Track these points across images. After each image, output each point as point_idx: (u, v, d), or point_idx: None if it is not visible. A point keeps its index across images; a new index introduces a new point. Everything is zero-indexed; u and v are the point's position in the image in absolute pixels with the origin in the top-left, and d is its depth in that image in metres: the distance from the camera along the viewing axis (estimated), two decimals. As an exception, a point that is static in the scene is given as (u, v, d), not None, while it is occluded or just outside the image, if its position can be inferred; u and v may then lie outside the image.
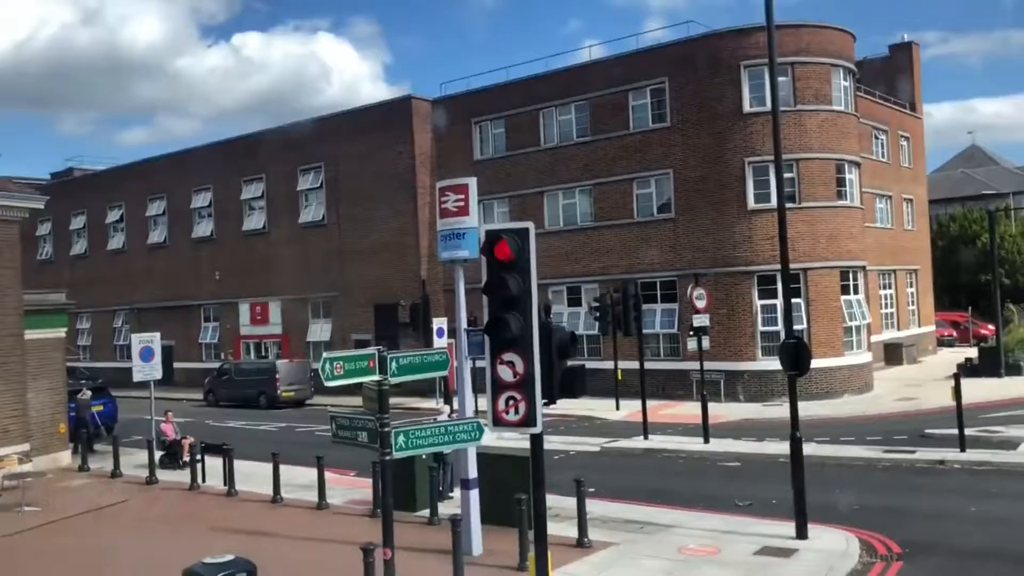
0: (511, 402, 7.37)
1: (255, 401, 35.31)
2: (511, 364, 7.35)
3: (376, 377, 7.33)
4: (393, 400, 7.63)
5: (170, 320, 45.45)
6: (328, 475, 17.06)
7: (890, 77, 43.04)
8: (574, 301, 33.21)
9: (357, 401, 34.50)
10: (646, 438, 21.58)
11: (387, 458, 7.16)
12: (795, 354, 12.82)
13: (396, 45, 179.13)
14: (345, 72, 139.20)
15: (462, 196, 12.79)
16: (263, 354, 41.86)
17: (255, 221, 42.70)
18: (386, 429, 7.10)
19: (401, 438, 7.29)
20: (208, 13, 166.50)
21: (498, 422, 7.44)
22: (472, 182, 12.87)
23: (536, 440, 7.71)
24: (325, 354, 7.29)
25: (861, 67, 40.02)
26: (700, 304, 21.25)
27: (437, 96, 37.21)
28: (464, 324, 12.93)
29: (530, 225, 7.46)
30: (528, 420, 7.35)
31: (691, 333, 21.74)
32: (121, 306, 49.44)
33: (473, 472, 12.72)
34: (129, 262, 49.14)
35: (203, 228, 45.40)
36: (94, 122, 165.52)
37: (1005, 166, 79.83)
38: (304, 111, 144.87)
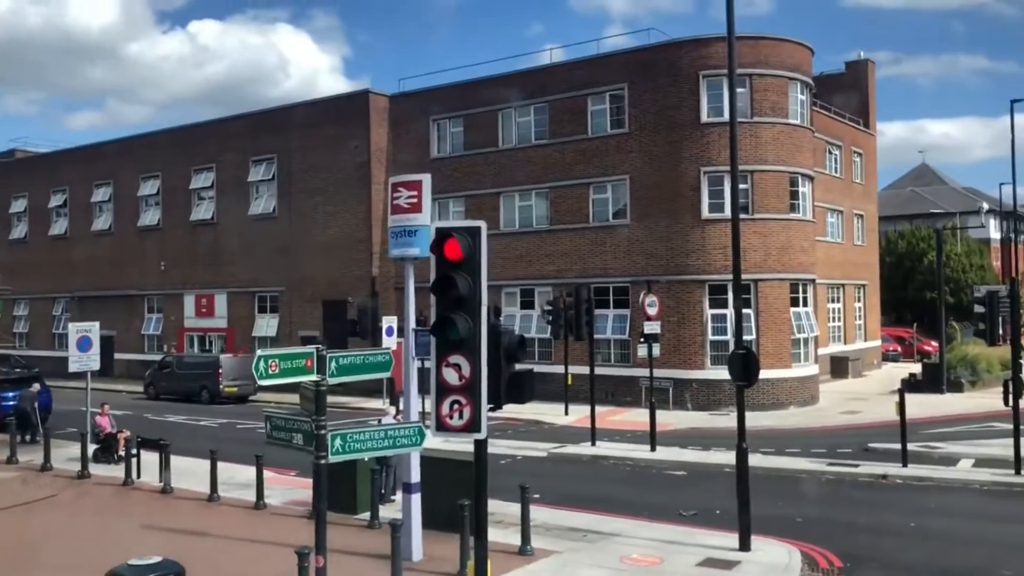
0: (456, 406, 7.10)
1: (197, 396, 34.51)
2: (457, 367, 7.09)
3: (314, 377, 7.00)
4: (338, 399, 7.37)
5: (112, 310, 44.33)
6: (268, 474, 16.60)
7: (845, 93, 43.66)
8: (527, 304, 33.04)
9: (302, 398, 34.09)
10: (593, 444, 21.45)
11: (322, 462, 6.83)
12: (744, 364, 12.76)
13: (356, 39, 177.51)
14: (303, 64, 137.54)
15: (415, 192, 12.49)
16: (207, 348, 40.99)
17: (204, 211, 41.78)
18: (322, 432, 6.78)
19: (338, 442, 6.97)
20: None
21: (441, 427, 7.18)
22: (426, 179, 12.59)
23: (480, 446, 7.47)
24: (259, 351, 6.96)
25: (818, 82, 40.54)
26: (652, 311, 21.19)
27: (396, 92, 36.80)
28: (412, 324, 12.63)
29: (482, 224, 7.21)
30: (472, 425, 7.09)
31: (642, 340, 21.68)
32: (61, 294, 48.07)
33: (416, 476, 12.41)
34: (71, 249, 47.80)
35: (150, 216, 44.32)
36: (41, 103, 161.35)
37: (953, 186, 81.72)
38: (260, 102, 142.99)
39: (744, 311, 28.57)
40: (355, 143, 35.85)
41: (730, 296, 28.65)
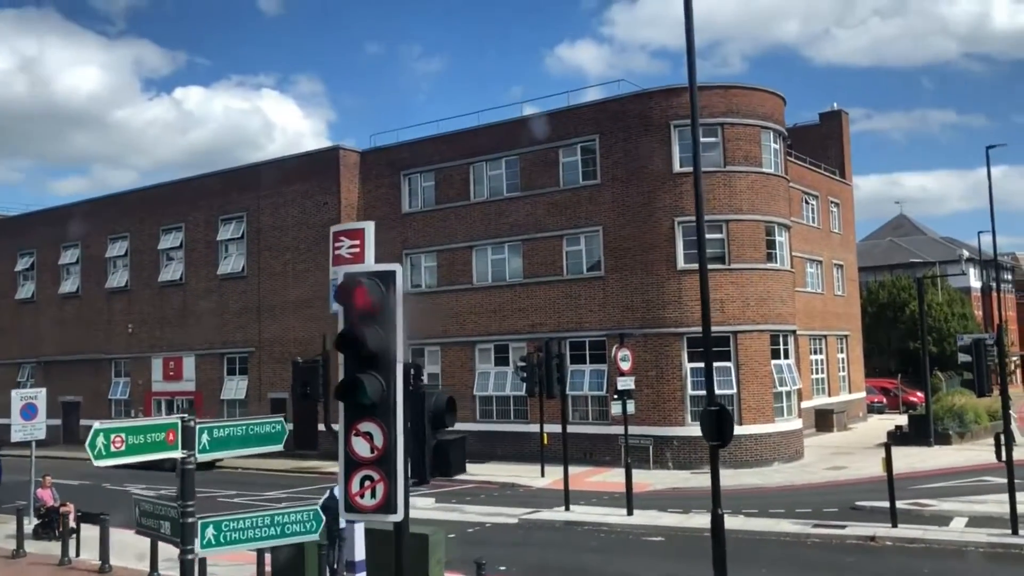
0: (367, 482, 6.13)
1: (161, 463, 32.99)
2: (368, 436, 6.14)
3: (178, 454, 6.02)
4: (310, 463, 6.33)
5: (79, 374, 43.07)
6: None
7: (820, 144, 43.55)
8: (501, 360, 32.04)
9: (280, 464, 32.63)
10: (567, 509, 20.30)
11: (189, 557, 5.81)
12: (718, 422, 11.82)
13: (340, 104, 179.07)
14: (288, 128, 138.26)
15: (357, 242, 11.54)
16: (174, 412, 39.61)
17: (172, 272, 40.80)
18: (190, 520, 5.78)
19: (210, 531, 5.97)
20: (151, 66, 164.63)
21: (351, 507, 6.18)
22: (369, 226, 11.64)
23: (400, 530, 6.47)
24: (97, 424, 5.96)
25: (792, 133, 40.36)
26: (625, 366, 20.25)
27: (367, 147, 36.25)
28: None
29: (396, 268, 6.32)
30: (387, 505, 6.10)
31: (615, 396, 20.67)
32: (27, 359, 46.64)
33: (360, 553, 11.27)
34: (38, 312, 46.56)
35: (118, 278, 43.25)
36: (26, 170, 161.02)
37: (931, 236, 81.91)
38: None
39: (723, 364, 27.78)
40: (325, 199, 35.14)
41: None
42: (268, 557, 13.79)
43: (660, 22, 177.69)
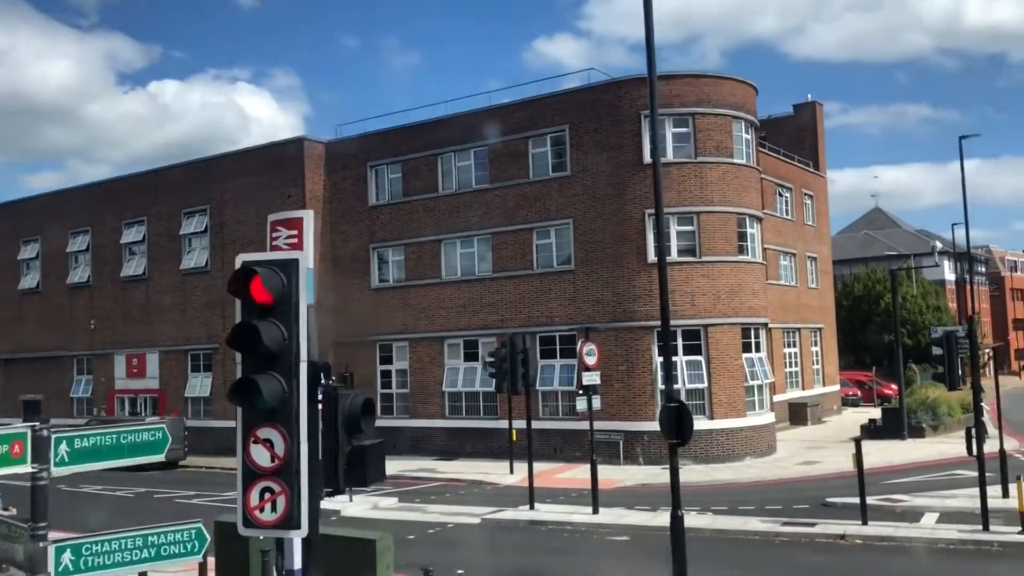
0: (267, 494, 5.50)
1: (121, 462, 32.18)
2: (268, 443, 5.51)
3: (27, 468, 5.37)
4: None
5: (40, 372, 41.98)
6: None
7: (795, 136, 43.20)
8: (471, 356, 31.39)
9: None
10: (532, 508, 19.71)
11: (40, 589, 5.15)
12: (677, 420, 11.28)
13: (317, 98, 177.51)
14: (264, 123, 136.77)
15: (295, 232, 10.87)
16: (138, 410, 38.71)
17: (135, 267, 39.80)
18: (42, 544, 5.13)
19: (67, 556, 5.30)
20: (125, 60, 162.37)
21: (249, 522, 5.55)
22: (307, 215, 10.91)
23: (306, 547, 5.83)
24: None
25: (767, 125, 39.95)
26: (591, 360, 19.69)
27: (332, 138, 35.44)
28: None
29: (299, 256, 5.70)
30: (288, 519, 5.48)
31: (580, 392, 20.09)
32: (-13, 357, 45.46)
33: (298, 561, 10.62)
34: (-3, 309, 45.38)
35: (79, 273, 42.18)
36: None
37: (906, 229, 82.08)
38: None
39: (695, 358, 27.35)
40: (289, 192, 34.30)
41: (680, 343, 27.35)
42: (212, 562, 13.14)
43: (637, 16, 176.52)
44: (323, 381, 5.91)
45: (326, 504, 21.20)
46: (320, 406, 5.95)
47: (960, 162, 26.57)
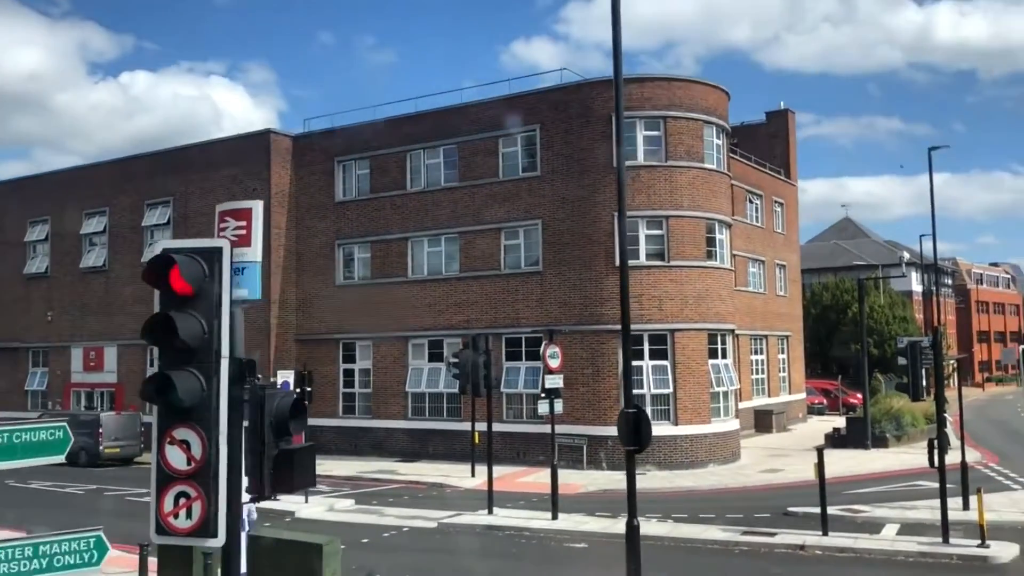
0: (183, 500, 5.10)
1: (75, 457, 31.33)
2: (184, 444, 5.11)
3: None
4: None
5: (-6, 364, 41.03)
6: (113, 552, 14.09)
7: (767, 144, 43.22)
8: (436, 356, 30.94)
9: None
10: (490, 513, 19.34)
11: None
12: (635, 426, 10.97)
13: (291, 94, 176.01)
14: (238, 117, 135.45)
15: (244, 223, 10.44)
16: (94, 404, 37.86)
17: (95, 258, 38.95)
18: None
19: None
20: (97, 49, 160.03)
21: (163, 528, 5.15)
22: (257, 206, 10.49)
23: (227, 558, 5.44)
24: None
25: (739, 132, 39.92)
26: (554, 363, 19.38)
27: (300, 132, 34.88)
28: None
29: (223, 243, 5.30)
30: (205, 527, 5.09)
31: (542, 395, 19.77)
32: (-61, 347, 44.28)
33: (243, 566, 10.21)
34: (-48, 298, 44.21)
35: (37, 263, 41.22)
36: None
37: (875, 239, 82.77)
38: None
39: (661, 363, 27.16)
40: (255, 185, 33.66)
41: (646, 347, 27.14)
42: (154, 563, 12.66)
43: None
44: (249, 379, 5.51)
45: (280, 506, 20.76)
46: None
47: (929, 173, 26.62)
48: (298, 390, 23.60)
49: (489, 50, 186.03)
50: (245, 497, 5.87)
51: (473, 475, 25.68)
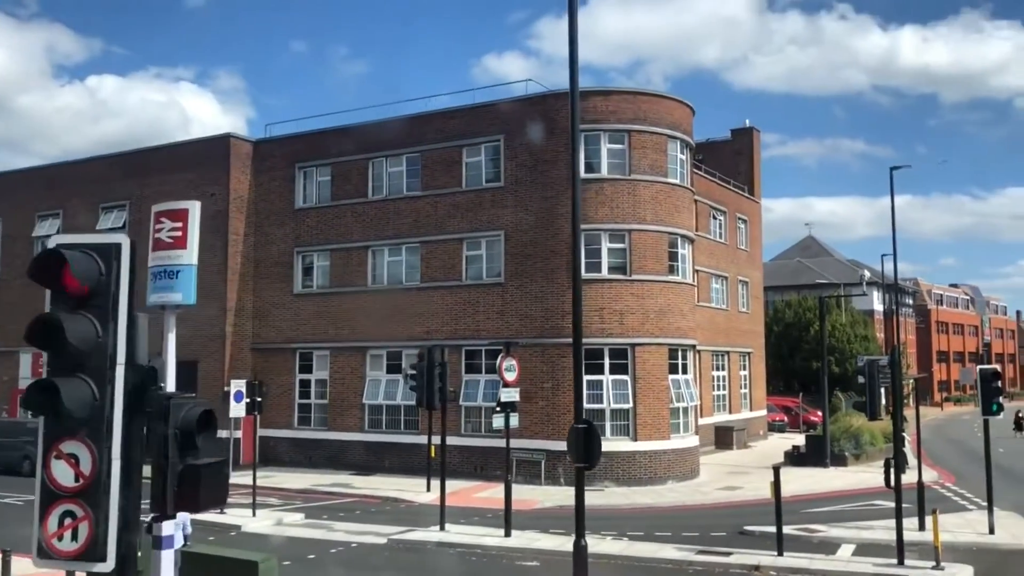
0: (68, 520, 4.65)
1: (18, 467, 30.34)
2: (73, 459, 4.67)
3: None
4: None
5: (-61, 368, 39.70)
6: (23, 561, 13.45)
7: (731, 161, 43.32)
8: (394, 367, 30.42)
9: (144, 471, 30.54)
10: (442, 529, 18.87)
11: None
12: (585, 442, 10.63)
13: (260, 102, 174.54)
14: (206, 124, 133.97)
15: (180, 224, 10.03)
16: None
17: (47, 261, 37.88)
18: None
19: None
20: (64, 52, 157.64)
21: (45, 551, 4.69)
22: (194, 206, 10.11)
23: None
24: None
25: (704, 149, 39.95)
26: (510, 376, 18.99)
27: (261, 137, 34.28)
28: (171, 390, 10.02)
29: (122, 240, 4.87)
30: (92, 550, 4.64)
31: (497, 408, 19.37)
32: None
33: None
34: (-103, 300, 42.82)
35: (-13, 266, 40.08)
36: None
37: (838, 258, 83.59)
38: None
39: (621, 378, 26.91)
40: (213, 190, 32.98)
41: (607, 361, 26.89)
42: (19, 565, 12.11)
43: (586, 38, 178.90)
44: (152, 388, 5.08)
45: (226, 519, 20.14)
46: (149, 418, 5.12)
47: (891, 191, 26.66)
48: (249, 400, 23.04)
49: (462, 63, 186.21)
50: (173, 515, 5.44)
51: (429, 489, 25.15)
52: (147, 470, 5.19)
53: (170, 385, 10.51)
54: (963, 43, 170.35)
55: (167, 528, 9.82)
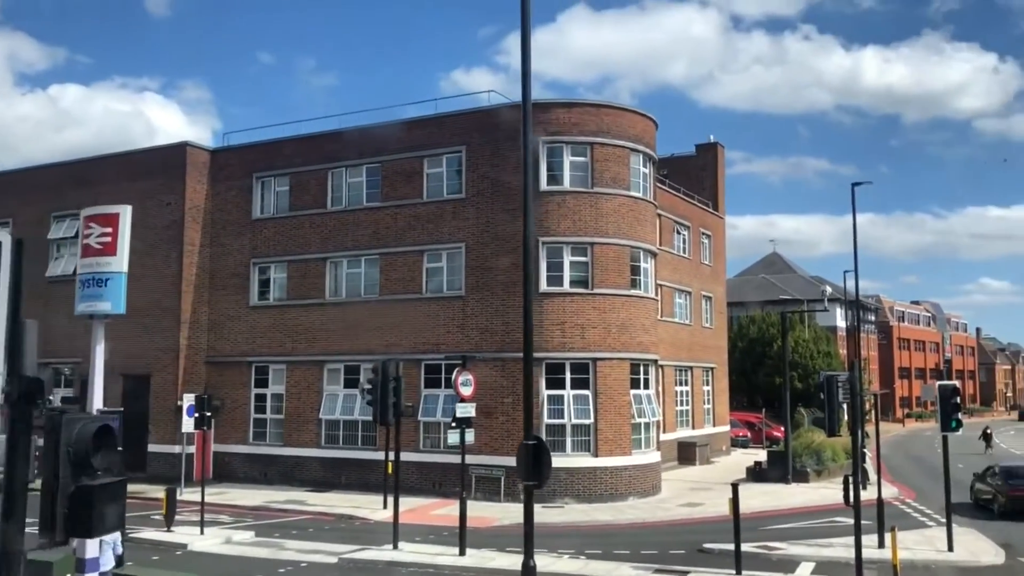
0: (-65, 548, 4.16)
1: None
2: (-60, 480, 4.19)
3: None
4: (131, 487, 4.23)
5: None
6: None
7: (696, 176, 43.40)
8: (352, 382, 29.81)
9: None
10: (395, 547, 18.36)
11: None
12: (534, 458, 10.25)
13: (227, 112, 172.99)
14: (171, 134, 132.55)
15: (110, 230, 9.62)
16: (-12, 426, 35.66)
17: (-5, 271, 36.82)
18: None
19: None
20: (26, 60, 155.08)
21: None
22: (125, 211, 9.75)
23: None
24: None
25: (669, 164, 39.95)
26: (466, 391, 18.59)
27: (218, 146, 33.64)
28: (99, 403, 9.51)
29: (3, 237, 4.42)
30: (-40, 582, 4.15)
31: (452, 424, 18.93)
32: None
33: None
34: None
35: (-66, 275, 38.86)
36: None
37: (802, 274, 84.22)
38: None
39: (582, 392, 26.59)
40: (168, 200, 32.27)
41: (568, 376, 26.57)
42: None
43: (554, 54, 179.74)
44: (39, 402, 4.62)
45: (173, 537, 19.46)
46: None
47: (852, 207, 26.78)
48: (198, 414, 22.40)
49: (431, 77, 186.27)
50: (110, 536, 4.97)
51: (385, 507, 24.57)
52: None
53: (98, 400, 10.00)
54: (924, 64, 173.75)
55: (90, 549, 9.27)
